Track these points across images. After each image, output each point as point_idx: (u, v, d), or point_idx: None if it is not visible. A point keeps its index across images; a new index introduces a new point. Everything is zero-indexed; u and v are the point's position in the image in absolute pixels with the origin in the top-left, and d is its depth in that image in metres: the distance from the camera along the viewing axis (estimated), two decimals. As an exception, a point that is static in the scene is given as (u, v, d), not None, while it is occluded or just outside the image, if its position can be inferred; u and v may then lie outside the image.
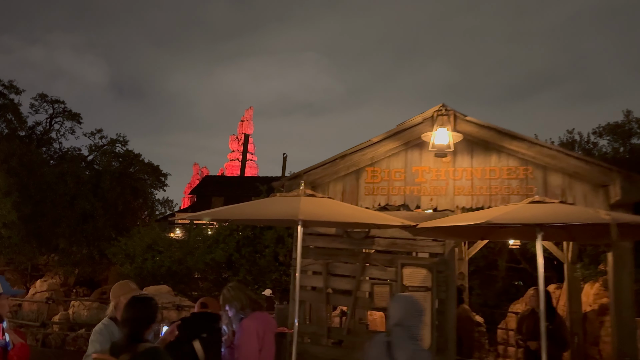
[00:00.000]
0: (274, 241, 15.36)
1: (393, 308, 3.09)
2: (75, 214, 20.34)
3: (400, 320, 2.97)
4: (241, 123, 75.87)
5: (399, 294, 3.35)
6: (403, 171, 6.80)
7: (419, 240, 6.51)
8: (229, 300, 4.35)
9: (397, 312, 3.01)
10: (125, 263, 17.45)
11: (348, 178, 7.04)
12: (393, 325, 3.01)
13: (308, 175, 6.95)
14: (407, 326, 2.96)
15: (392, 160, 6.88)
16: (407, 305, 3.04)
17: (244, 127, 74.65)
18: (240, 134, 73.38)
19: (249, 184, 35.62)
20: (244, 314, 4.28)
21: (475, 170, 6.52)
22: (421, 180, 6.70)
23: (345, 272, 6.86)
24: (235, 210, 4.97)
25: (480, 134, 6.38)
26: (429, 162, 6.70)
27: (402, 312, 2.99)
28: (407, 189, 6.74)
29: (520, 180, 6.37)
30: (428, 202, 6.64)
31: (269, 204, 5.04)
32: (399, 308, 3.02)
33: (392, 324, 3.03)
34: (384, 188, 6.85)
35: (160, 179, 23.66)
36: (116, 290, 4.03)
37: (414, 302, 3.12)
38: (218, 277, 16.74)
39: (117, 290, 4.02)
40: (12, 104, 21.62)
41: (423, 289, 6.40)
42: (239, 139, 73.04)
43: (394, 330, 2.99)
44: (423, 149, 6.74)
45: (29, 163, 20.09)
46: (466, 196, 6.51)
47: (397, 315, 2.99)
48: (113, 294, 4.01)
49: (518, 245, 11.40)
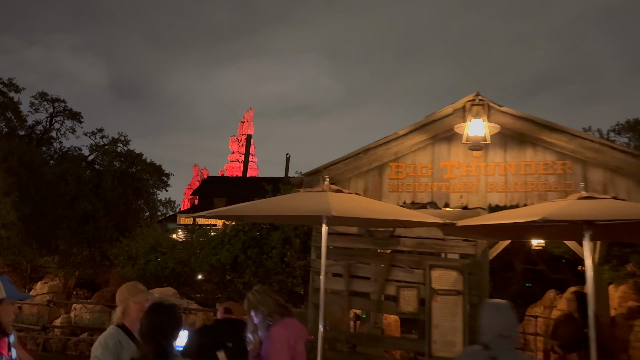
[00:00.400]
0: (280, 242, 14.90)
1: (491, 317, 2.64)
2: (76, 214, 19.88)
3: (504, 330, 2.54)
4: (241, 124, 75.50)
5: (491, 300, 2.88)
6: (430, 166, 6.38)
7: (448, 241, 6.10)
8: (255, 305, 3.92)
9: (498, 322, 2.57)
10: (127, 265, 17.01)
11: (370, 174, 6.62)
12: (495, 337, 2.55)
13: (328, 171, 6.52)
14: (511, 336, 2.52)
15: (418, 154, 6.46)
16: (508, 313, 2.61)
17: (245, 128, 74.25)
18: (240, 135, 73.00)
19: (252, 185, 35.18)
20: (271, 321, 3.85)
21: (509, 165, 6.10)
22: (450, 176, 6.28)
23: (368, 274, 6.44)
24: (259, 207, 4.54)
25: (516, 126, 5.97)
26: (459, 157, 6.28)
27: (504, 321, 2.57)
28: (435, 186, 6.32)
29: (558, 176, 5.95)
30: (458, 200, 6.21)
31: (294, 199, 4.61)
32: (499, 317, 2.59)
33: (493, 335, 2.58)
34: (410, 184, 6.43)
35: (163, 179, 23.21)
36: (124, 292, 3.55)
37: (510, 308, 2.69)
38: (222, 278, 16.29)
39: (125, 292, 3.54)
40: (12, 102, 21.18)
41: (453, 292, 5.99)
42: (239, 140, 72.67)
43: (497, 342, 2.54)
44: (452, 143, 6.32)
45: (28, 162, 19.64)
46: (499, 193, 6.09)
47: (499, 325, 2.56)
48: (120, 297, 3.52)
49: (541, 246, 11.00)
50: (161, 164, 23.33)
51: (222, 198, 33.04)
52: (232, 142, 74.48)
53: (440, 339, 5.91)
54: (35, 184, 19.38)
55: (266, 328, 3.85)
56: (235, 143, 73.99)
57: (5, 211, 16.64)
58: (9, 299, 2.68)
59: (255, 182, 35.54)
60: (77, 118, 24.21)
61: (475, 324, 6.09)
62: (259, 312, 3.91)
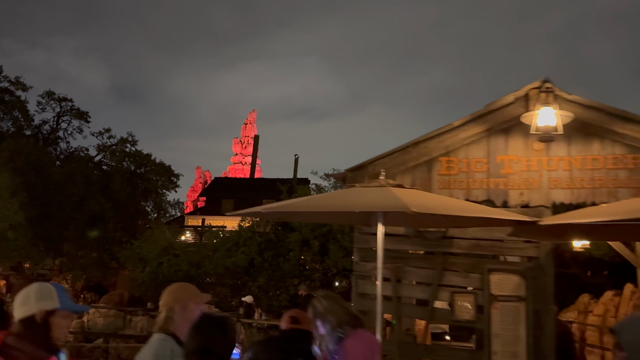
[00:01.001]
0: (298, 244, 14.44)
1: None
2: (84, 215, 19.44)
3: None
4: (244, 126, 75.05)
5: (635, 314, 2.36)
6: (485, 161, 5.85)
7: (508, 242, 5.58)
8: (322, 313, 3.39)
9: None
10: (138, 267, 16.54)
11: (418, 169, 6.09)
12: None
13: (373, 166, 6.01)
14: None
15: (471, 148, 5.94)
16: None
17: (247, 129, 73.80)
18: (243, 137, 72.57)
19: (259, 186, 34.69)
20: (342, 333, 3.33)
21: (574, 159, 5.58)
22: (508, 171, 5.76)
23: (418, 278, 5.92)
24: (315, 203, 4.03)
25: (584, 116, 5.45)
26: (517, 150, 5.76)
27: None
28: (492, 182, 5.79)
29: (630, 171, 5.42)
30: (517, 197, 5.69)
31: (355, 194, 4.10)
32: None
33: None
34: (462, 181, 5.91)
35: (172, 180, 22.74)
36: (178, 293, 2.87)
37: None
38: (236, 281, 15.81)
39: (181, 293, 2.87)
40: (19, 101, 20.73)
41: (515, 298, 5.46)
42: (243, 142, 72.22)
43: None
44: (509, 135, 5.80)
45: (35, 162, 19.19)
46: (564, 190, 5.57)
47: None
48: (172, 299, 2.83)
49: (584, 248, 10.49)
50: (170, 165, 22.91)
51: (229, 200, 32.56)
52: (235, 143, 74.01)
53: (501, 350, 5.39)
54: (42, 184, 18.93)
55: (336, 341, 3.34)
56: (238, 145, 73.53)
57: (13, 212, 16.14)
58: (63, 311, 2.16)
59: (262, 184, 35.08)
60: (85, 118, 23.78)
61: (540, 332, 5.62)
62: (327, 322, 3.39)
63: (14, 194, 16.90)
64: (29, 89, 21.29)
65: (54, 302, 2.15)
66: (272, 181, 34.81)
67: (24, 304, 2.12)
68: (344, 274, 15.37)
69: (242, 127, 74.57)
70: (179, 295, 2.84)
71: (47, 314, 2.13)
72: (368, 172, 6.01)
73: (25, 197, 17.17)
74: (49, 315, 2.13)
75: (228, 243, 15.61)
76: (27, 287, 2.22)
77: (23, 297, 2.15)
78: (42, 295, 2.15)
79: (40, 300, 2.13)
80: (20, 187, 17.34)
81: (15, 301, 2.17)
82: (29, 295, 2.15)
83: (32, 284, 2.23)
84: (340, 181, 6.35)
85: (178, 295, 2.84)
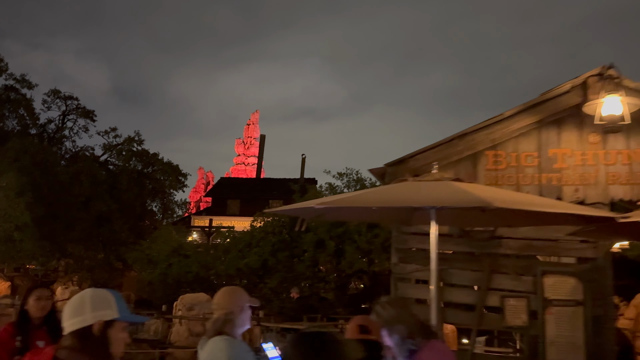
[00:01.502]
0: (313, 245, 14.01)
1: None
2: (91, 216, 19.05)
3: None
4: (247, 127, 74.70)
5: None
6: (536, 155, 5.45)
7: (563, 242, 5.17)
8: (390, 322, 2.98)
9: None
10: (146, 269, 16.13)
11: (462, 164, 5.69)
12: None
13: (415, 160, 5.62)
14: None
15: (520, 141, 5.54)
16: None
17: (250, 130, 73.45)
18: (246, 137, 72.26)
19: (265, 186, 34.26)
20: (414, 345, 2.92)
21: (634, 152, 5.18)
22: (561, 166, 5.35)
23: (464, 281, 5.51)
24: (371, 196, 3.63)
25: (647, 106, 5.04)
26: (571, 144, 5.36)
27: None
28: (543, 177, 5.39)
29: (695, 165, 5.02)
30: (572, 194, 5.28)
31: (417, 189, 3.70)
32: None
33: None
34: (511, 176, 5.50)
35: (179, 179, 22.34)
36: (237, 296, 2.87)
37: None
38: (249, 283, 15.39)
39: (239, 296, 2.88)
40: (25, 99, 20.34)
41: (572, 303, 5.05)
42: (245, 142, 71.89)
43: None
44: (562, 127, 5.40)
45: (41, 161, 18.80)
46: (623, 185, 5.17)
47: None
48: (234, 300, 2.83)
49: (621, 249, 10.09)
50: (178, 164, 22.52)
51: (235, 200, 32.15)
52: (237, 144, 73.64)
53: (557, 358, 4.99)
54: (48, 184, 18.53)
55: (406, 353, 2.93)
56: (241, 145, 73.16)
57: (19, 212, 15.76)
58: (122, 322, 1.77)
59: (269, 184, 34.65)
60: (90, 116, 23.41)
61: (600, 340, 5.22)
62: (395, 332, 2.98)
63: (20, 194, 16.52)
64: (35, 87, 20.94)
65: (113, 312, 1.75)
66: (279, 181, 34.42)
67: (78, 313, 1.72)
68: (359, 275, 14.97)
69: (245, 127, 74.19)
70: (238, 298, 2.87)
71: (105, 326, 1.74)
72: (409, 166, 5.62)
73: (31, 197, 16.79)
74: (107, 327, 1.74)
75: (240, 244, 15.19)
76: (80, 293, 1.81)
77: (76, 306, 1.75)
78: (99, 303, 1.75)
79: (97, 309, 1.73)
80: (26, 187, 16.96)
81: (66, 310, 1.77)
82: (84, 303, 1.74)
83: (86, 290, 1.82)
84: (377, 177, 5.95)
85: (237, 298, 2.87)
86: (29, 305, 3.44)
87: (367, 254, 13.76)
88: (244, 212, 29.35)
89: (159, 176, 21.91)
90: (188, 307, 10.52)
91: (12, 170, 16.89)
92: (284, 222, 14.95)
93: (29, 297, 3.47)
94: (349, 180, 16.84)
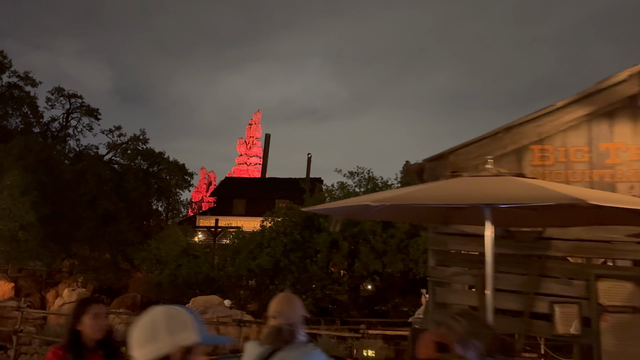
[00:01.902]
0: (327, 245, 13.62)
1: None
2: (97, 215, 18.69)
3: None
4: (249, 126, 74.38)
5: None
6: (587, 149, 5.08)
7: (617, 244, 4.79)
8: (465, 337, 2.61)
9: None
10: (155, 269, 15.75)
11: (505, 160, 5.32)
12: None
13: (456, 155, 5.26)
14: None
15: (569, 135, 5.16)
16: None
17: (252, 130, 73.14)
18: (248, 137, 71.94)
19: (271, 186, 33.88)
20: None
21: (694, 147, 4.80)
22: (615, 161, 4.98)
23: (509, 286, 5.12)
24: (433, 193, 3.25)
25: None
26: (625, 137, 4.99)
27: None
28: (595, 174, 5.02)
29: None
30: (627, 191, 4.91)
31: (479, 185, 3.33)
32: None
33: None
34: (560, 172, 5.14)
35: (185, 179, 21.98)
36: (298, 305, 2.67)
37: None
38: (260, 284, 15.02)
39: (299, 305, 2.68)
40: (29, 96, 19.97)
41: (629, 309, 4.67)
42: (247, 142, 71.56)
43: None
44: (614, 120, 5.03)
45: (46, 160, 18.44)
46: (682, 182, 4.79)
47: None
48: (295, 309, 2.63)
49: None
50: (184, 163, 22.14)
51: (241, 199, 31.78)
52: (239, 144, 73.32)
53: (614, 370, 4.61)
54: (53, 182, 18.17)
55: (484, 372, 2.55)
56: (243, 145, 72.84)
57: (24, 211, 15.39)
58: (203, 346, 1.39)
59: (274, 183, 34.27)
60: (95, 115, 23.05)
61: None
62: (471, 347, 2.61)
63: (24, 192, 16.16)
64: (39, 85, 20.56)
65: (193, 335, 1.37)
66: (284, 181, 34.06)
67: (151, 339, 1.35)
68: (373, 277, 14.58)
69: (247, 127, 73.87)
70: (299, 307, 2.70)
71: (186, 353, 1.37)
72: (449, 161, 5.26)
73: (36, 195, 16.43)
74: (188, 354, 1.36)
75: (251, 244, 14.81)
76: (149, 314, 1.43)
77: (148, 330, 1.37)
78: (175, 325, 1.37)
79: (175, 332, 1.35)
80: (30, 185, 16.61)
81: (135, 334, 1.40)
82: (157, 326, 1.37)
83: (156, 310, 1.43)
84: (415, 173, 5.57)
85: (298, 307, 2.70)
86: (84, 325, 2.81)
87: (381, 255, 13.37)
88: (250, 211, 28.99)
89: (165, 175, 21.55)
90: (201, 310, 10.15)
91: (17, 168, 16.54)
92: (295, 222, 14.57)
93: (83, 315, 2.83)
94: (360, 180, 16.46)
